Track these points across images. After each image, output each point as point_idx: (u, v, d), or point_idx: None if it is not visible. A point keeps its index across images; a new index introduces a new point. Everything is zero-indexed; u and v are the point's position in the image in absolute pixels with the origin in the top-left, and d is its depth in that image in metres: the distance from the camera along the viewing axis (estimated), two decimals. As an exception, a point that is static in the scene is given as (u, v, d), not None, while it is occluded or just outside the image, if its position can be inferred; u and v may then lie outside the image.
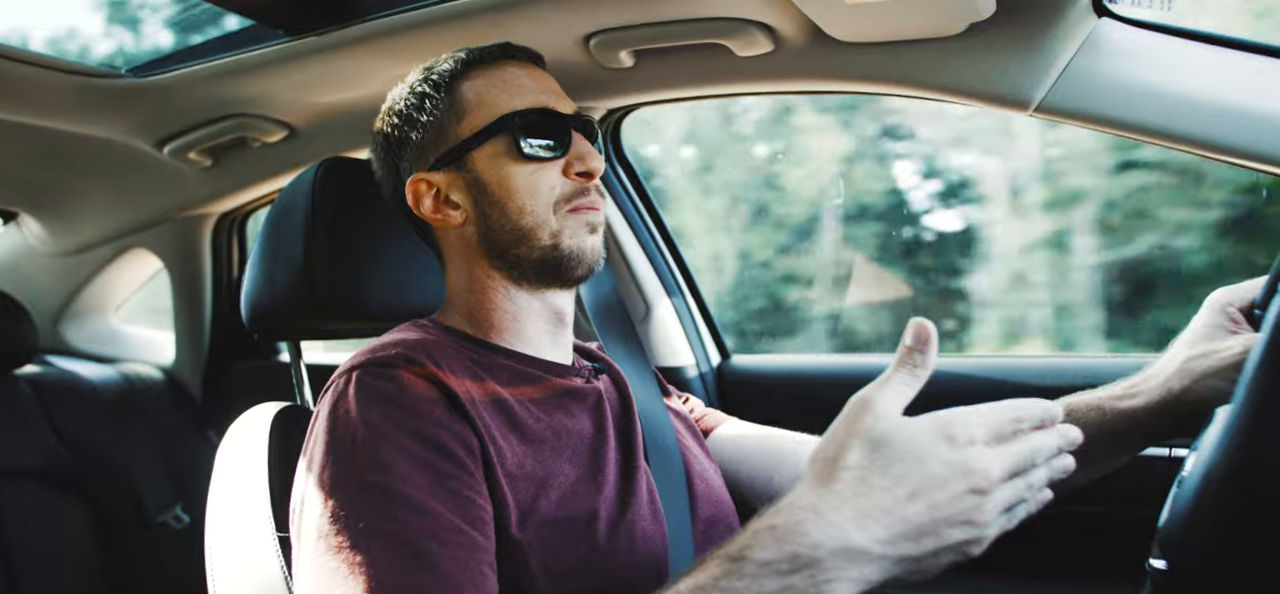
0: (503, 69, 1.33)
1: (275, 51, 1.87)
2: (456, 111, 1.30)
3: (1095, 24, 1.47)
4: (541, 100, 1.29)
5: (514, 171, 1.26)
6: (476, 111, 1.29)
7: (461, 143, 1.28)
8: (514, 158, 1.26)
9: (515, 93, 1.30)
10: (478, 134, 1.27)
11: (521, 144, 1.26)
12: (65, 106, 2.12)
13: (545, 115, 1.28)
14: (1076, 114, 1.49)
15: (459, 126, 1.29)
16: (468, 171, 1.29)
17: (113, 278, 2.98)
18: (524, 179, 1.26)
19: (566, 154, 1.28)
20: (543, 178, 1.27)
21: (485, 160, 1.28)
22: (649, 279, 2.29)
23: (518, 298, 1.31)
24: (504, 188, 1.27)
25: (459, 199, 1.30)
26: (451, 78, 1.31)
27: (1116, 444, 1.27)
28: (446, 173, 1.30)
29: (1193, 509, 0.87)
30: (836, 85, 1.76)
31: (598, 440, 1.25)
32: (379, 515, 1.02)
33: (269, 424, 1.42)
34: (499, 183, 1.27)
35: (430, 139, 1.31)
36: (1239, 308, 1.22)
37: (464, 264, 1.33)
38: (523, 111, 1.27)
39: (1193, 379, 1.19)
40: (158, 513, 2.74)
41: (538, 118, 1.28)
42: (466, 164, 1.29)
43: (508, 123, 1.26)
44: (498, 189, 1.27)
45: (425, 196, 1.31)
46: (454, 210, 1.30)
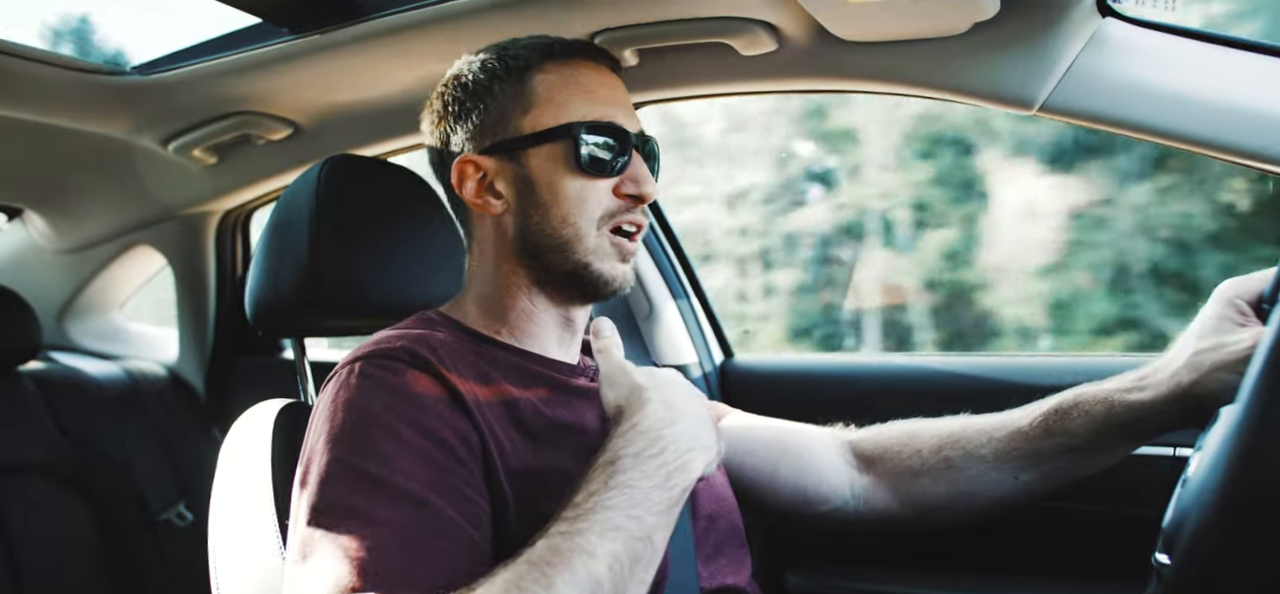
0: (578, 68, 1.29)
1: (280, 49, 1.87)
2: (523, 102, 1.27)
3: (1099, 23, 1.46)
4: (609, 113, 1.26)
5: (566, 180, 1.24)
6: (543, 108, 1.26)
7: (521, 136, 1.26)
8: (569, 166, 1.24)
9: (585, 99, 1.26)
10: (540, 133, 1.25)
11: (581, 155, 1.23)
12: (70, 104, 2.13)
13: (609, 129, 1.25)
14: (1080, 113, 1.49)
15: (522, 119, 1.26)
16: (520, 166, 1.26)
17: (117, 275, 2.98)
18: (575, 190, 1.24)
19: (622, 173, 1.26)
20: (593, 192, 1.24)
21: (540, 160, 1.25)
22: (652, 277, 2.29)
23: (537, 300, 1.30)
24: (552, 193, 1.24)
25: (504, 189, 1.27)
26: (525, 65, 1.28)
27: (1124, 437, 1.27)
28: (498, 160, 1.27)
29: (1197, 507, 0.87)
30: (840, 84, 1.76)
31: (600, 437, 1.25)
32: (378, 505, 1.02)
33: (272, 421, 1.42)
34: (549, 187, 1.25)
35: (490, 123, 1.28)
36: (1247, 300, 1.22)
37: (492, 254, 1.31)
38: (590, 122, 1.24)
39: (1201, 372, 1.19)
40: (161, 510, 2.74)
41: (602, 130, 1.25)
42: (521, 158, 1.26)
43: (573, 130, 1.23)
44: (546, 192, 1.25)
45: (470, 179, 1.29)
46: (496, 199, 1.28)
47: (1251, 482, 0.83)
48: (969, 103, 1.60)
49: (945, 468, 1.39)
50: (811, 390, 2.17)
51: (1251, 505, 0.83)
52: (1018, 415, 1.36)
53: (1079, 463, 1.31)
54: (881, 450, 1.47)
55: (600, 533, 0.97)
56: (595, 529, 0.97)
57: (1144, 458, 1.39)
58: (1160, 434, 1.26)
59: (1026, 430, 1.33)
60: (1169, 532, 0.94)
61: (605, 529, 0.97)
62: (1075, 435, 1.29)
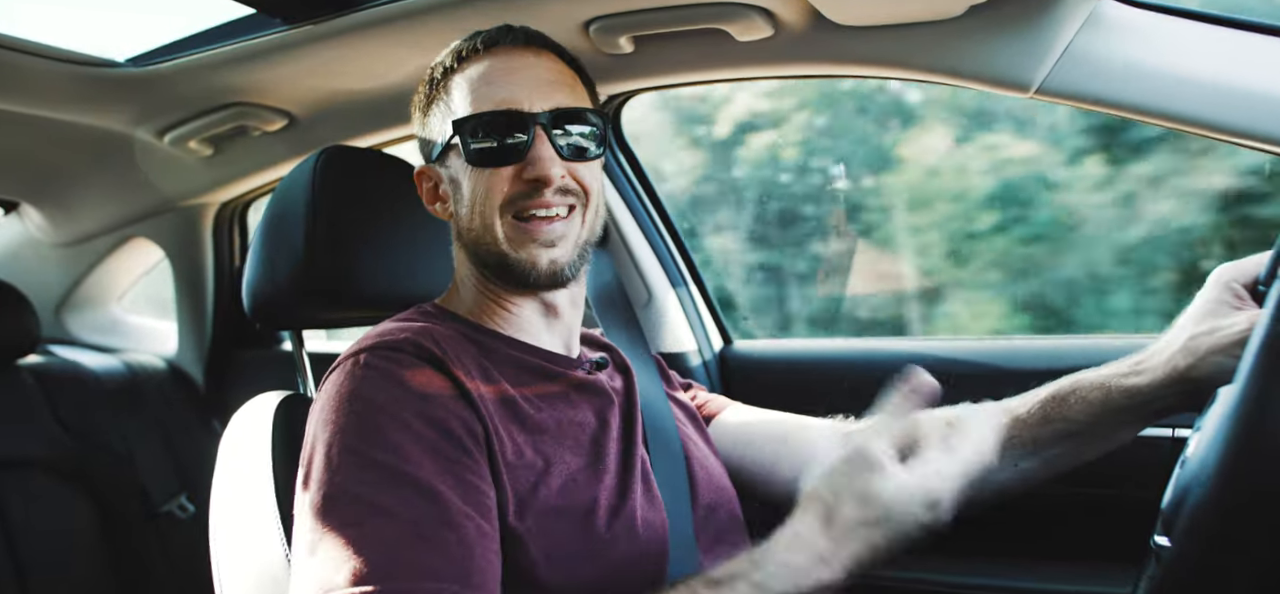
0: (487, 59, 1.29)
1: (275, 40, 1.87)
2: (447, 108, 1.30)
3: (1095, 4, 1.46)
4: (506, 99, 1.24)
5: (467, 175, 1.27)
6: (459, 107, 1.28)
7: (437, 144, 1.31)
8: (468, 161, 1.26)
9: (483, 91, 1.26)
10: (448, 138, 1.28)
11: (468, 149, 1.24)
12: (66, 96, 2.12)
13: (495, 119, 1.24)
14: (1077, 95, 1.48)
15: (444, 123, 1.30)
16: (447, 169, 1.32)
17: (114, 267, 2.98)
18: (476, 182, 1.26)
19: (522, 158, 1.24)
20: (493, 182, 1.24)
21: (453, 160, 1.30)
22: (650, 265, 2.28)
23: (495, 288, 1.32)
24: (461, 190, 1.28)
25: (445, 193, 1.33)
26: (445, 73, 1.32)
27: (1122, 422, 1.27)
28: (436, 167, 1.34)
29: (1196, 489, 0.87)
30: (836, 69, 1.75)
31: (599, 431, 1.26)
32: (386, 495, 1.02)
33: (272, 413, 1.42)
34: (459, 185, 1.29)
35: (429, 134, 1.34)
36: (1243, 284, 1.22)
37: (457, 253, 1.36)
38: (472, 116, 1.25)
39: (1197, 356, 1.19)
40: (162, 502, 2.74)
41: (486, 122, 1.24)
42: (444, 162, 1.32)
43: (458, 128, 1.25)
44: (459, 190, 1.29)
45: (425, 187, 1.36)
46: (442, 204, 1.35)
47: (1249, 463, 0.83)
48: (965, 85, 1.60)
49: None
50: (810, 376, 2.17)
51: (1249, 487, 0.83)
52: (1015, 403, 1.36)
53: (1078, 448, 1.32)
54: None
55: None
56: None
57: (1143, 439, 1.38)
58: (1158, 419, 1.26)
59: (1024, 418, 1.34)
60: (1168, 513, 0.94)
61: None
62: (1074, 421, 1.29)
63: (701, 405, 1.57)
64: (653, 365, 1.50)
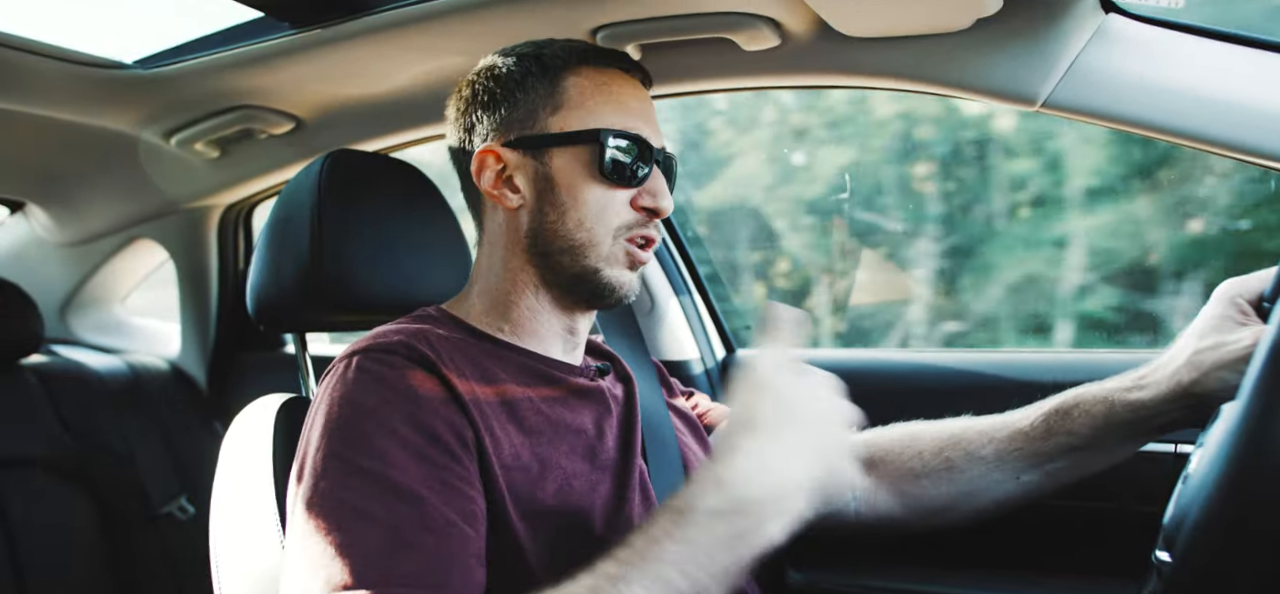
0: (611, 77, 1.30)
1: (282, 43, 1.87)
2: (553, 101, 1.27)
3: (1103, 19, 1.46)
4: (637, 125, 1.27)
5: (587, 184, 1.24)
6: (573, 110, 1.26)
7: (548, 135, 1.26)
8: (592, 171, 1.24)
9: (615, 107, 1.27)
10: (567, 134, 1.25)
11: (605, 162, 1.23)
12: (72, 97, 2.13)
13: (635, 141, 1.25)
14: (1083, 110, 1.48)
15: (551, 118, 1.26)
16: (542, 164, 1.26)
17: (119, 268, 2.99)
18: (594, 195, 1.24)
19: (642, 185, 1.26)
20: (611, 201, 1.25)
21: (564, 161, 1.25)
22: (655, 273, 2.28)
23: (542, 300, 1.30)
24: (573, 196, 1.24)
25: (522, 185, 1.27)
26: (560, 65, 1.28)
27: (1125, 436, 1.27)
28: (520, 155, 1.27)
29: (1198, 504, 0.87)
30: (843, 80, 1.75)
31: (597, 438, 1.26)
32: (370, 500, 1.02)
33: (274, 416, 1.42)
34: (569, 189, 1.24)
35: (518, 117, 1.28)
36: (1248, 300, 1.22)
37: (502, 247, 1.31)
38: (618, 131, 1.24)
39: (1202, 371, 1.19)
40: (162, 503, 2.74)
41: (629, 141, 1.25)
42: (544, 156, 1.26)
43: (600, 136, 1.24)
44: (566, 194, 1.25)
45: (490, 169, 1.28)
46: (513, 194, 1.28)
47: (1252, 479, 0.83)
48: (972, 98, 1.60)
49: (946, 469, 1.39)
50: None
51: (1252, 503, 0.83)
52: (1018, 416, 1.36)
53: (1080, 462, 1.31)
54: (882, 453, 1.47)
55: (646, 586, 0.94)
56: (644, 580, 0.94)
57: (1145, 454, 1.38)
58: (1161, 433, 1.26)
59: (1027, 431, 1.34)
60: (1170, 529, 0.94)
61: (654, 583, 0.94)
62: (1076, 435, 1.29)
63: (702, 413, 1.57)
64: (654, 373, 1.50)
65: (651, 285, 2.28)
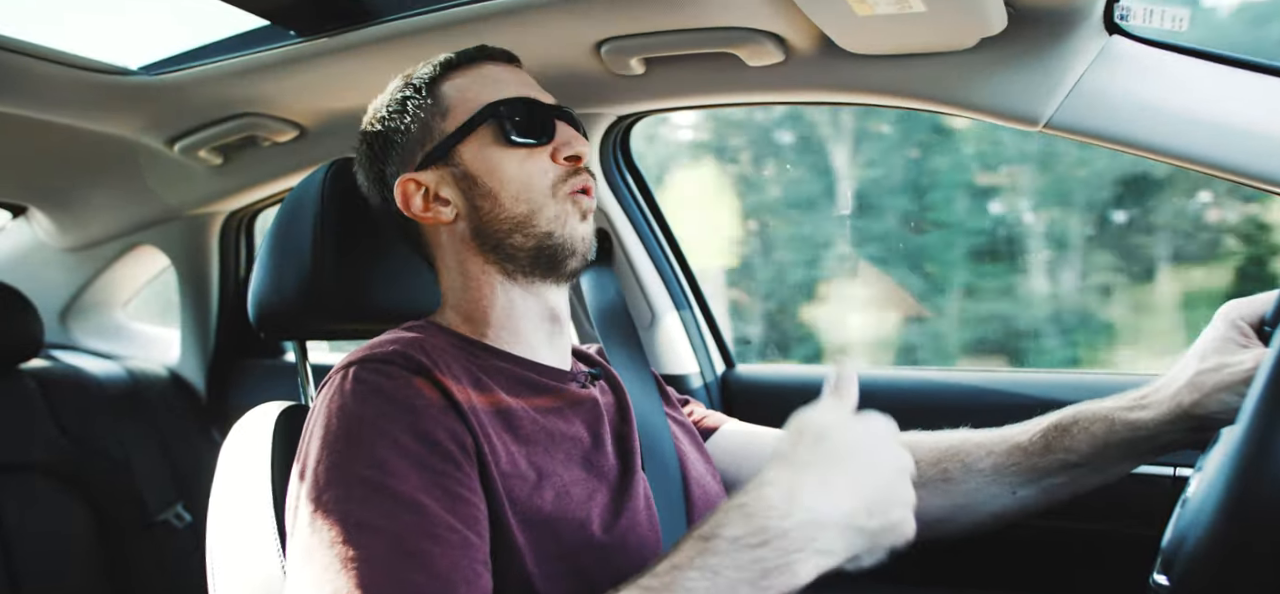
0: (480, 68, 1.34)
1: (287, 52, 1.88)
2: (440, 110, 1.30)
3: (1106, 41, 1.47)
4: (522, 91, 1.31)
5: (504, 159, 1.27)
6: (459, 107, 1.29)
7: (447, 138, 1.29)
8: (502, 146, 1.27)
9: (496, 86, 1.31)
10: (463, 126, 1.28)
11: (508, 131, 1.27)
12: (76, 103, 2.13)
13: (528, 104, 1.29)
14: (1086, 131, 1.49)
15: (443, 124, 1.30)
16: (456, 166, 1.29)
17: (120, 274, 2.99)
18: (516, 166, 1.27)
19: (552, 140, 1.29)
20: (534, 164, 1.28)
21: (473, 153, 1.28)
22: (655, 286, 2.28)
23: (512, 293, 1.31)
24: (495, 177, 1.27)
25: (449, 195, 1.30)
26: (432, 80, 1.33)
27: (1124, 455, 1.27)
28: (435, 170, 1.30)
29: (1197, 528, 0.87)
30: (846, 97, 1.76)
31: (593, 446, 1.25)
32: (372, 511, 1.02)
33: (273, 424, 1.42)
34: (489, 173, 1.27)
35: (416, 139, 1.31)
36: (1249, 322, 1.22)
37: (457, 262, 1.32)
38: (507, 100, 1.28)
39: (1203, 393, 1.19)
40: (159, 511, 2.73)
41: (521, 106, 1.29)
42: (454, 159, 1.29)
43: (492, 111, 1.27)
44: (489, 179, 1.27)
45: (414, 196, 1.31)
46: (444, 207, 1.30)
47: (1252, 503, 0.83)
48: (975, 118, 1.60)
49: (943, 481, 1.38)
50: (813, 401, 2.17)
51: (1251, 527, 0.83)
52: (1017, 430, 1.36)
53: (1078, 480, 1.31)
54: None
55: None
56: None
57: (1144, 477, 1.38)
58: (1161, 453, 1.26)
59: (1026, 446, 1.33)
60: (1168, 552, 0.94)
61: None
62: (1075, 452, 1.29)
63: (699, 421, 1.57)
64: (652, 385, 1.50)
65: (651, 299, 2.28)
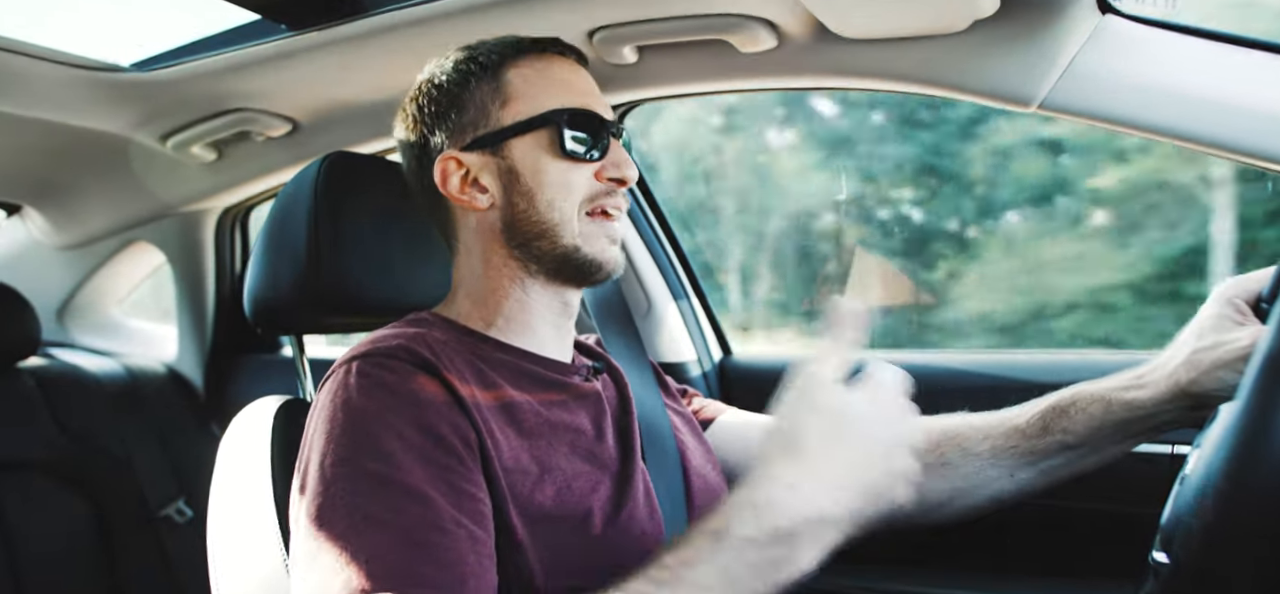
0: (549, 62, 1.32)
1: (278, 46, 1.87)
2: (500, 97, 1.28)
3: (1099, 21, 1.46)
4: (586, 101, 1.29)
5: (550, 166, 1.25)
6: (521, 100, 1.27)
7: (503, 129, 1.27)
8: (553, 152, 1.25)
9: (561, 89, 1.29)
10: (522, 123, 1.26)
11: (565, 140, 1.25)
12: (69, 100, 2.12)
13: (589, 116, 1.28)
14: (1080, 111, 1.49)
15: (501, 112, 1.27)
16: (503, 158, 1.27)
17: (116, 271, 2.98)
18: (559, 174, 1.25)
19: (602, 158, 1.28)
20: (576, 176, 1.26)
21: (523, 149, 1.26)
22: (651, 275, 2.29)
23: (530, 288, 1.30)
24: (537, 180, 1.26)
25: (489, 183, 1.28)
26: (499, 61, 1.30)
27: (1122, 435, 1.27)
28: (481, 155, 1.28)
29: (1195, 505, 0.87)
30: (840, 81, 1.76)
31: (595, 438, 1.26)
32: (379, 504, 1.02)
33: (272, 418, 1.42)
34: (533, 174, 1.26)
35: (469, 120, 1.29)
36: (1246, 300, 1.22)
37: (481, 250, 1.31)
38: (571, 109, 1.27)
39: (1200, 371, 1.19)
40: (160, 507, 2.74)
41: (582, 117, 1.27)
42: (503, 150, 1.27)
43: (554, 118, 1.25)
44: (531, 180, 1.26)
45: (454, 175, 1.29)
46: (481, 194, 1.28)
47: (1250, 480, 0.83)
48: (969, 99, 1.60)
49: (942, 465, 1.39)
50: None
51: (1249, 504, 0.83)
52: (1015, 413, 1.36)
53: (1077, 461, 1.31)
54: None
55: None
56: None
57: (1142, 456, 1.38)
58: (1158, 433, 1.26)
59: (1024, 428, 1.34)
60: (1167, 530, 0.94)
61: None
62: (1073, 433, 1.29)
63: (698, 410, 1.57)
64: (651, 374, 1.50)
65: (648, 288, 2.28)
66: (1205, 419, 1.02)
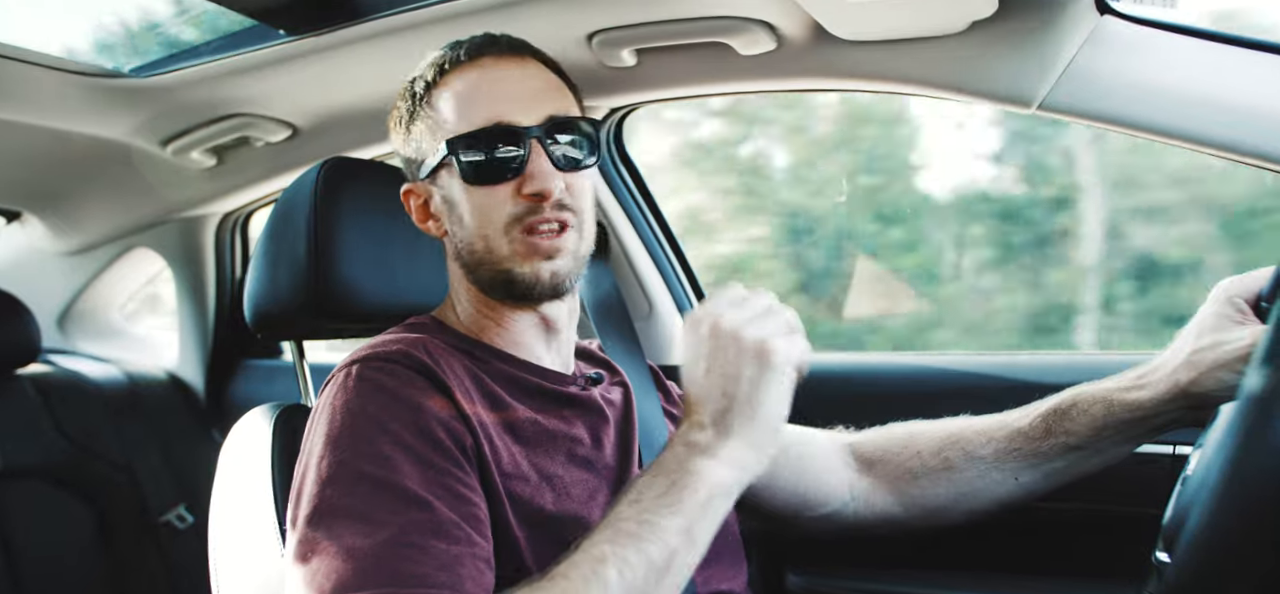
0: (471, 71, 1.25)
1: (277, 51, 1.87)
2: (433, 125, 1.25)
3: (1098, 21, 1.46)
4: (495, 114, 1.20)
5: (465, 194, 1.22)
6: (449, 122, 1.23)
7: (430, 164, 1.25)
8: (464, 182, 1.21)
9: (471, 106, 1.22)
10: (439, 160, 1.23)
11: (465, 167, 1.20)
12: (69, 107, 2.12)
13: (495, 133, 1.20)
14: (1079, 112, 1.49)
15: (435, 142, 1.25)
16: (440, 187, 1.26)
17: (116, 277, 2.98)
18: (475, 201, 1.21)
19: (521, 174, 1.19)
20: (492, 201, 1.20)
21: (446, 179, 1.25)
22: (651, 277, 2.28)
23: (495, 306, 1.28)
24: (461, 209, 1.23)
25: (437, 211, 1.28)
26: (428, 86, 1.27)
27: (1124, 436, 1.28)
28: (425, 185, 1.29)
29: (1197, 505, 0.87)
30: (839, 83, 1.76)
31: (593, 446, 1.26)
32: (378, 506, 1.02)
33: (272, 424, 1.42)
34: (458, 204, 1.23)
35: (414, 151, 1.29)
36: (1245, 299, 1.22)
37: (452, 269, 1.32)
38: (465, 135, 1.20)
39: (1200, 371, 1.19)
40: (161, 512, 2.74)
41: (486, 137, 1.20)
42: (438, 180, 1.26)
43: (451, 148, 1.21)
44: (459, 209, 1.24)
45: (414, 205, 1.31)
46: (433, 221, 1.30)
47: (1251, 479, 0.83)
48: (968, 101, 1.60)
49: (945, 469, 1.39)
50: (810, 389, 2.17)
51: (1251, 503, 0.83)
52: (1017, 416, 1.36)
53: (1079, 462, 1.32)
54: (881, 453, 1.47)
55: (611, 541, 1.00)
56: (606, 539, 1.01)
57: (1144, 456, 1.38)
58: (1160, 433, 1.26)
59: (1026, 431, 1.34)
60: (1169, 529, 0.94)
61: (616, 536, 1.01)
62: (1075, 435, 1.29)
63: None
64: (650, 379, 1.50)
65: (649, 290, 2.28)
66: (1206, 419, 1.02)
